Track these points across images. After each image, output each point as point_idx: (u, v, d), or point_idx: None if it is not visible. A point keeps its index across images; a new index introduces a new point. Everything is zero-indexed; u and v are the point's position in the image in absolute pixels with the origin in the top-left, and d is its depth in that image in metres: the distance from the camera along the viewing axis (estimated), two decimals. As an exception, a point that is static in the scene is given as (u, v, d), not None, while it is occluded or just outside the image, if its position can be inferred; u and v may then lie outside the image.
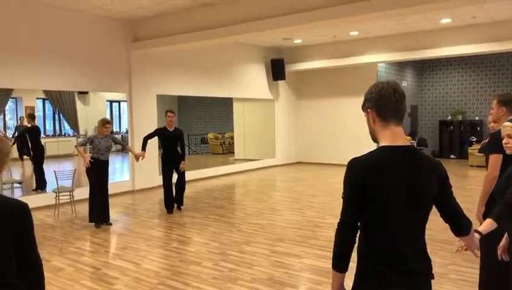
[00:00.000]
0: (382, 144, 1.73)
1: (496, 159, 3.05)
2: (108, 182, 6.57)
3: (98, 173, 6.29)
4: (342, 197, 1.74)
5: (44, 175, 8.76)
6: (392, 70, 13.54)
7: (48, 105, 16.32)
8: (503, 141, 2.50)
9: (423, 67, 15.20)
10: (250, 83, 12.30)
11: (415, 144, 13.82)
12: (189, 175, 7.64)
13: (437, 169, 1.75)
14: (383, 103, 1.72)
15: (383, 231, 1.69)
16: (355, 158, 1.72)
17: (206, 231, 6.06)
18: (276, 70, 12.55)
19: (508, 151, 2.54)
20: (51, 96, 15.63)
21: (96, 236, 5.94)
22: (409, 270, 1.69)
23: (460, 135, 14.26)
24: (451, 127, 14.45)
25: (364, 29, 10.11)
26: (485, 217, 3.14)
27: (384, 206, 1.67)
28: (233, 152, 14.69)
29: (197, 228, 6.25)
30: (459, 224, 1.81)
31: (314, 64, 12.40)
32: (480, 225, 3.22)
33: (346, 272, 1.76)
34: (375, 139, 1.81)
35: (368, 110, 1.77)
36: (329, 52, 11.97)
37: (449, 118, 14.59)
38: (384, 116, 1.73)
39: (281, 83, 13.13)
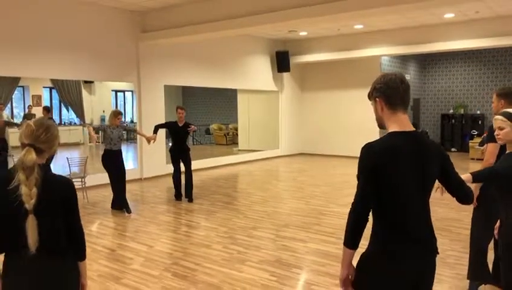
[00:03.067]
0: (391, 130, 1.92)
1: (492, 148, 3.25)
2: (126, 170, 6.79)
3: (113, 162, 6.53)
4: (357, 179, 1.91)
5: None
6: (395, 63, 13.69)
7: (54, 94, 16.50)
8: (495, 133, 2.71)
9: (426, 61, 15.34)
10: (255, 74, 12.48)
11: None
12: (194, 164, 7.83)
13: (439, 150, 1.98)
14: (392, 93, 1.91)
15: (395, 208, 1.88)
16: (368, 143, 1.90)
17: (213, 217, 6.30)
18: (281, 62, 12.71)
19: (499, 142, 2.76)
20: (58, 86, 15.81)
21: (108, 220, 6.19)
22: (418, 244, 1.89)
23: (461, 129, 14.44)
24: (453, 121, 14.63)
25: (369, 22, 10.26)
26: (478, 200, 3.37)
27: (395, 186, 1.86)
28: (237, 143, 14.90)
29: (205, 214, 6.49)
30: (463, 194, 2.02)
31: (318, 56, 12.56)
32: (474, 207, 3.47)
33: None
34: (381, 126, 2.00)
35: (376, 99, 1.95)
36: (334, 45, 12.13)
37: (451, 111, 14.75)
38: (393, 105, 1.92)
39: (285, 74, 13.30)
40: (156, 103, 9.74)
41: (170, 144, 7.65)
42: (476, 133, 13.70)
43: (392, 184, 1.86)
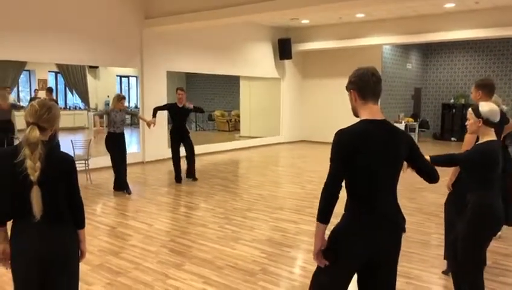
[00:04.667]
0: (363, 118, 2.16)
1: (469, 138, 3.44)
2: (127, 153, 7.01)
3: (116, 145, 6.76)
4: (330, 161, 2.14)
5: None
6: (396, 52, 13.77)
7: (60, 78, 16.73)
8: (466, 123, 2.94)
9: (428, 50, 15.38)
10: (257, 61, 12.61)
11: (417, 126, 14.15)
12: (196, 149, 8.05)
13: (405, 136, 2.20)
14: (363, 85, 2.14)
15: (364, 187, 2.11)
16: (342, 129, 2.14)
17: (211, 199, 6.54)
18: (283, 49, 12.82)
19: (468, 132, 3.00)
20: (63, 70, 16.03)
21: (110, 201, 6.45)
22: (383, 218, 2.12)
23: (461, 118, 14.51)
24: (454, 110, 14.72)
25: (370, 11, 10.34)
26: (453, 185, 3.59)
27: (365, 167, 2.08)
28: (239, 129, 15.10)
29: (204, 196, 6.73)
30: (431, 175, 2.26)
31: (320, 44, 12.66)
32: (449, 192, 3.68)
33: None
34: (356, 115, 2.24)
35: (351, 90, 2.19)
36: (336, 33, 12.21)
37: (452, 101, 14.84)
38: (364, 96, 2.15)
39: (287, 62, 13.42)
40: (158, 89, 9.93)
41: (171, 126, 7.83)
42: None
43: (362, 165, 2.08)
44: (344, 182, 2.13)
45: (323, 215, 2.12)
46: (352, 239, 2.12)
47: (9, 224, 2.23)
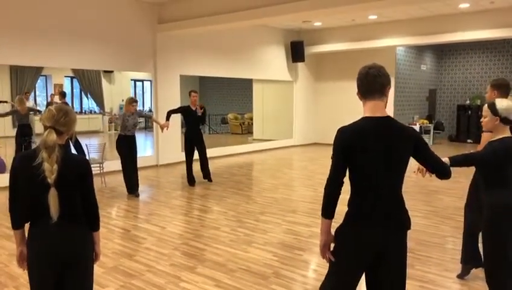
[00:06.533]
0: (364, 115, 2.16)
1: (486, 137, 3.39)
2: (137, 156, 7.07)
3: (127, 147, 6.83)
4: (331, 158, 2.15)
5: (81, 147, 9.08)
6: (411, 54, 13.64)
7: (75, 83, 17.00)
8: (481, 120, 2.88)
9: (443, 51, 15.20)
10: (270, 64, 12.64)
11: (432, 128, 13.98)
12: (209, 152, 8.09)
13: (409, 133, 2.16)
14: (360, 84, 2.18)
15: (363, 185, 2.12)
16: (342, 126, 2.16)
17: (224, 202, 6.56)
18: (296, 52, 12.82)
19: (484, 129, 2.94)
20: (78, 75, 16.28)
21: (124, 204, 6.52)
22: (386, 215, 2.11)
23: (477, 120, 14.29)
24: (469, 112, 14.51)
25: (383, 13, 10.27)
26: (472, 186, 3.54)
27: (364, 165, 2.09)
28: (252, 132, 15.14)
29: (217, 199, 6.76)
30: (442, 170, 2.23)
31: (333, 46, 12.62)
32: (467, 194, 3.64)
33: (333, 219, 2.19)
34: None
35: (357, 91, 2.22)
36: (348, 35, 12.16)
37: (467, 102, 14.63)
38: (362, 94, 2.18)
39: (300, 65, 13.41)
40: (172, 93, 10.02)
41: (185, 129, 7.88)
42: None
43: (361, 163, 2.09)
44: (348, 177, 2.15)
45: (327, 211, 2.17)
46: (353, 237, 2.13)
47: (26, 226, 2.28)
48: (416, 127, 12.68)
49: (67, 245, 2.19)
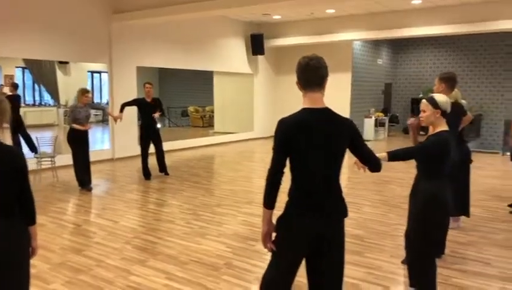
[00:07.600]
0: (303, 106, 2.19)
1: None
2: (89, 150, 6.85)
3: (78, 141, 6.59)
4: (272, 149, 2.17)
5: (31, 140, 8.66)
6: (367, 48, 13.96)
7: (27, 74, 16.27)
8: (419, 115, 3.00)
9: (398, 46, 15.66)
10: (230, 57, 12.58)
11: (387, 121, 14.41)
12: (167, 146, 7.99)
13: (347, 124, 2.21)
14: (299, 75, 2.20)
15: (302, 175, 2.16)
16: (283, 118, 2.17)
17: (180, 195, 6.50)
18: (256, 45, 12.82)
19: (421, 124, 3.06)
20: (31, 66, 15.59)
21: (77, 198, 6.33)
22: (321, 208, 2.16)
23: (430, 113, 14.87)
24: (423, 105, 15.02)
25: (340, 7, 10.44)
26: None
27: (303, 156, 2.13)
28: (214, 125, 15.05)
29: (173, 193, 6.69)
30: (374, 164, 2.30)
31: (292, 40, 12.70)
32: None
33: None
34: None
35: (297, 80, 2.23)
36: (307, 29, 12.29)
37: (420, 95, 15.13)
38: (302, 85, 2.21)
39: (260, 58, 13.43)
40: (128, 85, 9.79)
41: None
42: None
43: (299, 154, 2.13)
44: (289, 168, 2.18)
45: (268, 201, 2.21)
46: (292, 226, 2.18)
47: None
48: (372, 120, 13.02)
49: (1, 244, 2.09)
